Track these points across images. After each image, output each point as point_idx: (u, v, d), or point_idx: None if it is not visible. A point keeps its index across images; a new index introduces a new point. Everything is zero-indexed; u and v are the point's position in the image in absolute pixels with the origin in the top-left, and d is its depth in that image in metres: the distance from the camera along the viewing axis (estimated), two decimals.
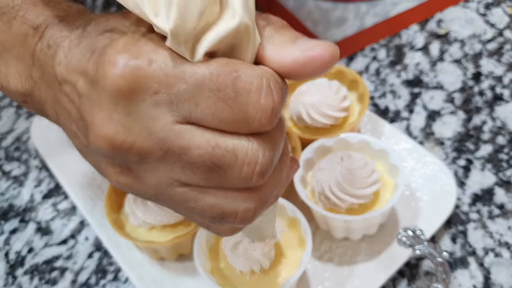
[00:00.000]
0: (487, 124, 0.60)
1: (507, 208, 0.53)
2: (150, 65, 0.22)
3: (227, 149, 0.22)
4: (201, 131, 0.22)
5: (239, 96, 0.22)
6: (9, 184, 0.63)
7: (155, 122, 0.22)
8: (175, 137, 0.22)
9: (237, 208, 0.24)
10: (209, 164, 0.22)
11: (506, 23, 0.71)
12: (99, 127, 0.23)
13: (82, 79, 0.24)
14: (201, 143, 0.22)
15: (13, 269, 0.55)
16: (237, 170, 0.23)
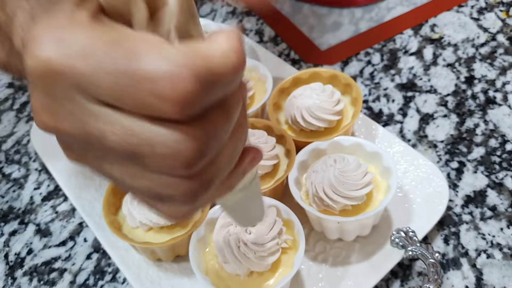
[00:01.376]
0: (479, 127, 0.61)
1: (499, 209, 0.53)
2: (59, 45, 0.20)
3: (143, 138, 0.20)
4: (119, 115, 0.20)
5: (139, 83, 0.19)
6: (9, 187, 0.64)
7: (72, 104, 0.21)
8: (94, 120, 0.21)
9: (173, 192, 0.22)
10: (127, 152, 0.21)
11: (499, 27, 0.72)
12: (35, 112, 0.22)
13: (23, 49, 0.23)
14: (116, 129, 0.20)
15: (12, 270, 0.55)
16: (156, 161, 0.21)
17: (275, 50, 0.75)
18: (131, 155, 0.20)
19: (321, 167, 0.49)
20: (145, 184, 0.22)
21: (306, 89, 0.56)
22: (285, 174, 0.51)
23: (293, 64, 0.72)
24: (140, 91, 0.19)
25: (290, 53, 0.74)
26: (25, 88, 0.76)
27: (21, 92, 0.76)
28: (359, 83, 0.68)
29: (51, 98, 0.21)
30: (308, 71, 0.59)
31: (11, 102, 0.74)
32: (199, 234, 0.47)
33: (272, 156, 0.52)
